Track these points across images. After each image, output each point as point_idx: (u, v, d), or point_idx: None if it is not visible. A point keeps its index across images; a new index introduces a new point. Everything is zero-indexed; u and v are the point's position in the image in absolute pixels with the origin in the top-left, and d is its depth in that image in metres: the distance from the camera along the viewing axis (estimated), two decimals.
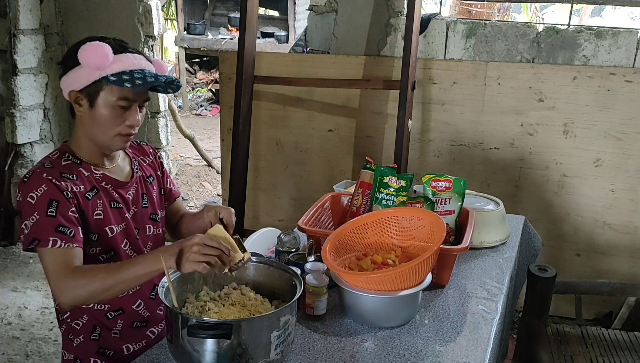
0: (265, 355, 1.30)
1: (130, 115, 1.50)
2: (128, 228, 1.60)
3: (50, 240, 1.40)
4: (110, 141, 1.53)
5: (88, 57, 1.43)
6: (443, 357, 1.45)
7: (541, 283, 2.28)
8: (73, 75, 1.47)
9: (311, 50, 3.55)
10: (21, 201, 1.44)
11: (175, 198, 1.81)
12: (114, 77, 1.43)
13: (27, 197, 1.43)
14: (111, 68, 1.44)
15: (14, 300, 3.42)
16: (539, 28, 3.16)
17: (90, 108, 1.48)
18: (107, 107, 1.47)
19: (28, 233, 1.42)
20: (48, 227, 1.41)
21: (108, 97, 1.46)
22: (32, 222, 1.42)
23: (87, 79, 1.45)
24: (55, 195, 1.43)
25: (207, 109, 8.98)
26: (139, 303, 1.63)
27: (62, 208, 1.43)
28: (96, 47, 1.43)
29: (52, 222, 1.42)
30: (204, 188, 5.59)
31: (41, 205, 1.42)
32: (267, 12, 9.62)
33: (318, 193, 2.28)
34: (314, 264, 1.62)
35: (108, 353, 1.60)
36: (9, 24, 3.84)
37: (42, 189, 1.43)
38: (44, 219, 1.42)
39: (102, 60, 1.42)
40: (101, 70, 1.43)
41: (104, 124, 1.49)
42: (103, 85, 1.45)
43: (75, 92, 1.48)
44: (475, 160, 3.28)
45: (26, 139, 4.04)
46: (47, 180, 1.44)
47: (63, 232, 1.42)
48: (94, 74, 1.44)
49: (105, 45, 1.44)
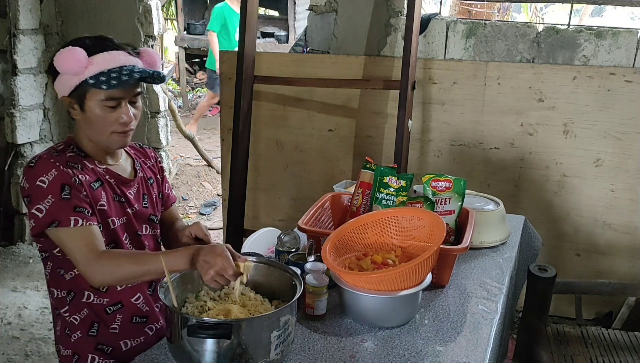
0: (265, 355, 1.30)
1: (121, 112, 1.51)
2: (129, 222, 1.61)
3: (72, 220, 1.42)
4: (107, 140, 1.54)
5: (62, 64, 1.45)
6: (443, 357, 1.45)
7: (541, 283, 2.28)
8: (58, 83, 1.50)
9: (311, 50, 3.55)
10: (29, 186, 1.45)
11: (171, 203, 1.82)
12: (92, 80, 1.44)
13: (37, 182, 1.44)
14: (88, 71, 1.44)
15: (14, 300, 3.42)
16: (539, 28, 3.16)
17: (82, 111, 1.50)
18: (96, 108, 1.49)
19: (44, 216, 1.43)
20: (66, 208, 1.43)
21: (94, 99, 1.48)
22: (47, 204, 1.43)
23: (69, 85, 1.47)
24: (66, 180, 1.45)
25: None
26: (138, 296, 1.63)
27: (75, 191, 1.45)
28: (68, 53, 1.44)
29: (68, 204, 1.43)
30: (204, 188, 5.59)
31: (54, 188, 1.43)
32: (267, 12, 9.63)
33: (318, 194, 2.28)
34: (314, 264, 1.62)
35: (106, 349, 1.61)
36: (9, 24, 3.84)
37: (53, 174, 1.44)
38: (59, 201, 1.43)
39: (75, 65, 1.43)
40: (79, 75, 1.45)
41: (97, 125, 1.50)
42: (86, 89, 1.47)
43: (66, 97, 1.50)
44: (475, 160, 3.27)
45: (26, 139, 4.04)
46: (56, 166, 1.46)
47: (81, 211, 1.44)
48: (73, 79, 1.46)
49: (77, 49, 1.44)
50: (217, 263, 1.36)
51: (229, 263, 1.37)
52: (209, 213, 5.14)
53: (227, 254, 1.38)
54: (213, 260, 1.37)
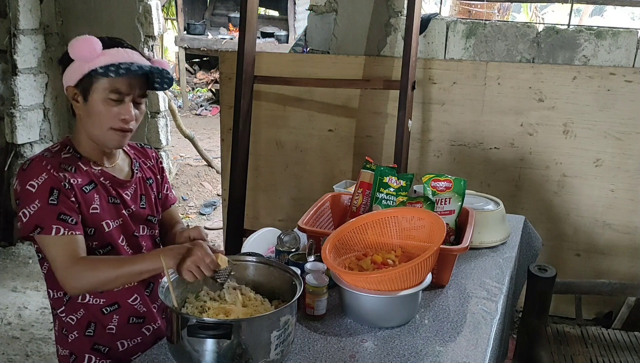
0: (265, 355, 1.30)
1: (123, 108, 1.51)
2: (125, 224, 1.61)
3: (54, 228, 1.43)
4: (105, 136, 1.53)
5: (76, 50, 1.47)
6: (443, 357, 1.45)
7: (541, 283, 2.28)
8: (68, 71, 1.51)
9: (311, 50, 3.55)
10: (20, 189, 1.46)
11: (170, 204, 1.82)
12: (102, 69, 1.46)
13: (27, 185, 1.45)
14: (100, 60, 1.47)
15: (14, 300, 3.42)
16: (539, 28, 3.16)
17: (85, 103, 1.51)
18: (99, 100, 1.50)
19: (29, 220, 1.44)
20: (51, 215, 1.44)
21: (99, 90, 1.49)
22: (33, 209, 1.44)
23: (79, 72, 1.48)
24: (55, 184, 1.46)
25: (207, 109, 8.98)
26: (135, 297, 1.63)
27: (62, 196, 1.46)
28: (84, 40, 1.47)
29: (54, 210, 1.44)
30: (204, 188, 5.59)
31: (42, 193, 1.44)
32: (267, 12, 9.63)
33: (318, 193, 2.28)
34: (314, 264, 1.62)
35: (103, 349, 1.61)
36: (9, 24, 3.84)
37: (43, 178, 1.45)
38: (45, 207, 1.44)
39: (89, 51, 1.46)
40: (90, 63, 1.47)
41: (97, 117, 1.51)
42: (93, 78, 1.48)
43: (72, 87, 1.51)
44: (475, 160, 3.28)
45: (26, 139, 4.04)
46: (47, 169, 1.46)
47: (65, 220, 1.45)
48: (84, 67, 1.47)
49: (94, 38, 1.48)
50: (195, 254, 1.40)
51: (206, 253, 1.40)
52: (209, 213, 5.14)
53: (205, 246, 1.42)
54: (190, 251, 1.41)
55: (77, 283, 1.43)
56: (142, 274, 1.44)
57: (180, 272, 1.40)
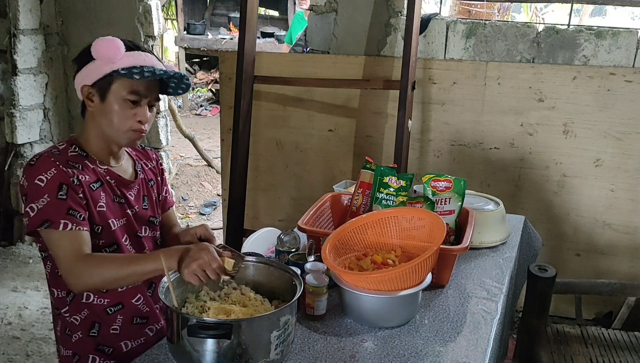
0: (265, 355, 1.30)
1: (140, 110, 1.52)
2: (129, 223, 1.61)
3: (62, 223, 1.43)
4: (121, 136, 1.55)
5: (101, 49, 1.47)
6: (443, 357, 1.45)
7: (541, 283, 2.28)
8: (86, 70, 1.51)
9: (311, 50, 3.55)
10: (27, 184, 1.45)
11: (169, 207, 1.82)
12: (124, 70, 1.47)
13: (35, 180, 1.44)
14: (122, 62, 1.48)
15: (14, 300, 3.42)
16: (539, 28, 3.16)
17: (102, 102, 1.51)
18: (117, 101, 1.50)
19: (37, 215, 1.43)
20: (60, 210, 1.43)
21: (119, 90, 1.50)
22: (42, 204, 1.43)
23: (99, 72, 1.49)
24: (64, 179, 1.45)
25: (207, 109, 8.98)
26: (138, 297, 1.63)
27: (71, 191, 1.46)
28: (110, 40, 1.48)
29: (63, 205, 1.44)
30: (204, 188, 5.59)
31: (51, 188, 1.44)
32: (267, 12, 9.63)
33: (318, 193, 2.28)
34: (314, 264, 1.62)
35: (107, 350, 1.60)
36: (9, 24, 3.84)
37: (52, 173, 1.45)
38: (55, 202, 1.43)
39: (114, 52, 1.47)
40: (112, 64, 1.47)
41: (115, 118, 1.52)
42: (114, 79, 1.49)
43: (88, 87, 1.51)
44: (475, 160, 3.28)
45: (26, 139, 4.04)
46: (55, 164, 1.46)
47: (73, 216, 1.44)
48: (106, 67, 1.48)
49: (117, 40, 1.49)
50: (202, 257, 1.37)
51: (213, 258, 1.38)
52: (209, 213, 5.14)
53: (211, 250, 1.39)
54: (197, 254, 1.38)
55: (81, 281, 1.42)
56: (147, 274, 1.43)
57: (185, 274, 1.38)
